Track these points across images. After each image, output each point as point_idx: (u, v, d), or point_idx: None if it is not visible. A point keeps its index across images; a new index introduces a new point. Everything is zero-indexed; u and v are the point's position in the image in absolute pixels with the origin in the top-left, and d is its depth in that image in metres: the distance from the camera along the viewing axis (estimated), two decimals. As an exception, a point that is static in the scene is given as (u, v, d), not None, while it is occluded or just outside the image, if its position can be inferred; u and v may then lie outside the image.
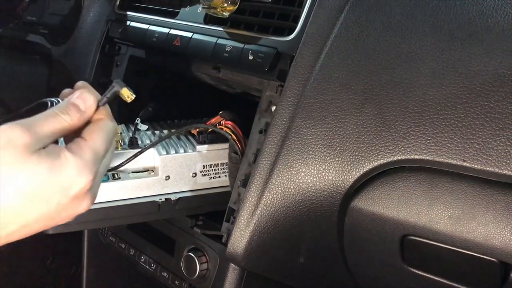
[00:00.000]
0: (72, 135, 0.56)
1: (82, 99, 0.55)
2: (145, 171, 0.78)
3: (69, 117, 0.53)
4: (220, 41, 0.81)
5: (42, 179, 0.49)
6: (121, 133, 0.79)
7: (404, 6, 0.66)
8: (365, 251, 0.71)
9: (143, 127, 0.87)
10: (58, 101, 0.57)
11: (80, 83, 0.59)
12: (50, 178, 0.49)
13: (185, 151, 0.81)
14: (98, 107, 0.56)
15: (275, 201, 0.70)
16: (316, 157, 0.68)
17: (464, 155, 0.58)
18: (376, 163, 0.64)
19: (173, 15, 0.92)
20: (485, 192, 0.58)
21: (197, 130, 0.84)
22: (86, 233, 1.12)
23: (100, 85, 1.02)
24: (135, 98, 0.59)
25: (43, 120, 0.52)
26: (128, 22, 0.99)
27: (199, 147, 0.81)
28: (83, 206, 0.53)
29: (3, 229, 0.48)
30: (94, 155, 0.53)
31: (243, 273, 0.78)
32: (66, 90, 0.59)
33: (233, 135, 0.79)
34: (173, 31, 0.89)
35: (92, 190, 0.53)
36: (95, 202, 0.55)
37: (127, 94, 0.58)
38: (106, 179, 0.75)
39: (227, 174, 0.82)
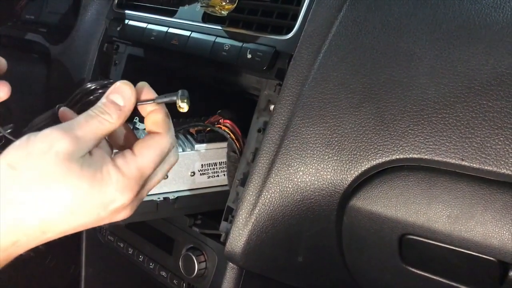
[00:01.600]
0: (122, 143, 0.55)
1: (119, 93, 0.51)
2: (143, 170, 0.78)
3: (109, 116, 0.50)
4: (219, 39, 0.81)
5: (82, 194, 0.47)
6: None
7: (403, 4, 0.66)
8: (363, 250, 0.70)
9: (142, 126, 0.86)
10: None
11: (140, 84, 0.54)
12: (90, 194, 0.48)
13: (183, 150, 0.80)
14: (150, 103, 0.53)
15: (274, 200, 0.69)
16: (315, 156, 0.68)
17: (463, 154, 0.58)
18: (374, 162, 0.64)
19: (171, 13, 0.92)
20: (483, 191, 0.58)
21: (196, 129, 0.84)
22: (85, 232, 1.12)
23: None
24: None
25: (83, 124, 0.49)
26: (126, 21, 0.98)
27: (197, 146, 0.81)
28: (120, 217, 0.52)
29: (41, 236, 0.48)
30: (139, 174, 0.51)
31: (242, 272, 0.78)
32: (141, 83, 0.55)
33: (231, 134, 0.79)
34: (171, 30, 0.89)
35: (133, 204, 0.52)
36: None
37: (188, 104, 0.55)
38: None
39: (225, 173, 0.82)
